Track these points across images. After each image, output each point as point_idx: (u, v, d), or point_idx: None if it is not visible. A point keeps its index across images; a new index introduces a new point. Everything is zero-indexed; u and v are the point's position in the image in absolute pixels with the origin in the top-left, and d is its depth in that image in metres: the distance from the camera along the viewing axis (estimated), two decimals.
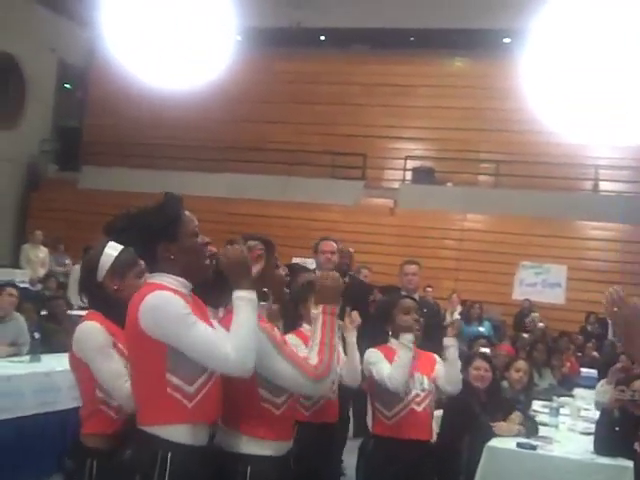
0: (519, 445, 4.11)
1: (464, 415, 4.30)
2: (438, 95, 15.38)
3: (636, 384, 4.32)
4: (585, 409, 5.67)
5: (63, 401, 4.96)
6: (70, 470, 2.55)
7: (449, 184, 14.87)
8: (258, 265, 2.43)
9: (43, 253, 12.07)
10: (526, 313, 11.74)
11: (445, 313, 7.85)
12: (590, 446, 4.16)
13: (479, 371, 4.63)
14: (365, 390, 3.79)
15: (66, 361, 2.68)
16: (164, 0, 9.13)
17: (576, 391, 7.05)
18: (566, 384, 7.31)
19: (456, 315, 10.92)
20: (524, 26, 10.16)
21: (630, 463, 3.88)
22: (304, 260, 9.11)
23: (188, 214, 2.36)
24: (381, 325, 3.83)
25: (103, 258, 2.61)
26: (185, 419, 2.22)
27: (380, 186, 15.36)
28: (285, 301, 3.12)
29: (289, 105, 15.87)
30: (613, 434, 4.05)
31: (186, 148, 15.44)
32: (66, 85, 18.08)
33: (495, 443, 4.16)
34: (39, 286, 10.89)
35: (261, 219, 13.25)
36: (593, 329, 11.16)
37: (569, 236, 13.18)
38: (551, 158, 13.86)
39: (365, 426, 3.90)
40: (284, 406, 2.47)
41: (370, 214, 14.23)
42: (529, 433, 4.38)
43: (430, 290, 10.76)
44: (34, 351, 5.45)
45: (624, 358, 6.00)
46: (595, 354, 9.71)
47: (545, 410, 5.21)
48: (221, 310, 2.51)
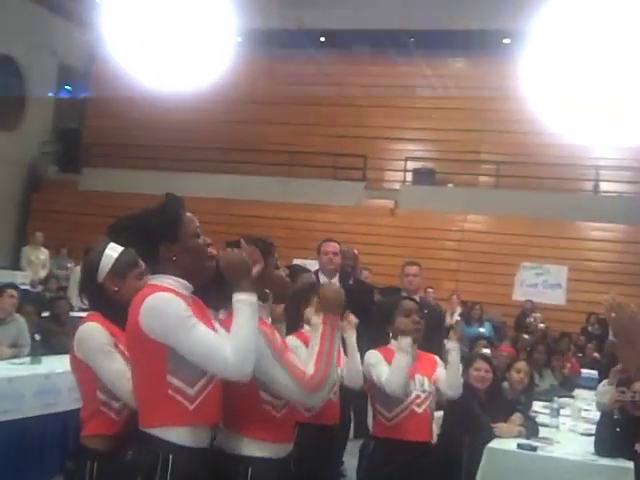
0: (520, 446, 4.11)
1: (465, 416, 4.30)
2: (438, 96, 15.38)
3: (636, 385, 4.31)
4: (586, 410, 5.66)
5: (64, 403, 4.95)
6: (71, 471, 2.54)
7: (450, 185, 14.87)
8: (258, 266, 2.43)
9: (44, 255, 12.06)
10: (527, 314, 11.74)
11: (445, 314, 7.85)
12: (591, 447, 4.16)
13: (479, 372, 4.63)
14: (366, 391, 3.79)
15: (67, 362, 2.67)
16: (164, 2, 9.13)
17: (577, 392, 7.06)
18: (567, 385, 7.31)
19: (456, 316, 10.93)
20: (524, 27, 10.16)
21: (631, 464, 3.88)
22: (305, 261, 9.11)
23: (190, 215, 2.36)
24: (382, 326, 3.83)
25: (103, 259, 2.60)
26: (186, 421, 2.21)
27: (381, 187, 15.36)
28: (287, 302, 3.12)
29: (290, 106, 15.87)
30: (614, 435, 4.05)
31: (187, 149, 15.44)
32: (66, 87, 18.10)
33: (496, 444, 4.16)
34: (40, 288, 10.89)
35: (262, 220, 13.25)
36: (594, 330, 11.15)
37: (570, 237, 13.18)
38: (551, 159, 13.85)
39: (366, 427, 3.90)
40: (285, 408, 2.47)
41: (371, 215, 14.23)
42: (530, 434, 4.38)
43: (431, 291, 10.76)
44: (35, 353, 5.44)
45: None
46: (596, 355, 9.70)
47: (546, 411, 5.21)
48: (222, 312, 2.51)
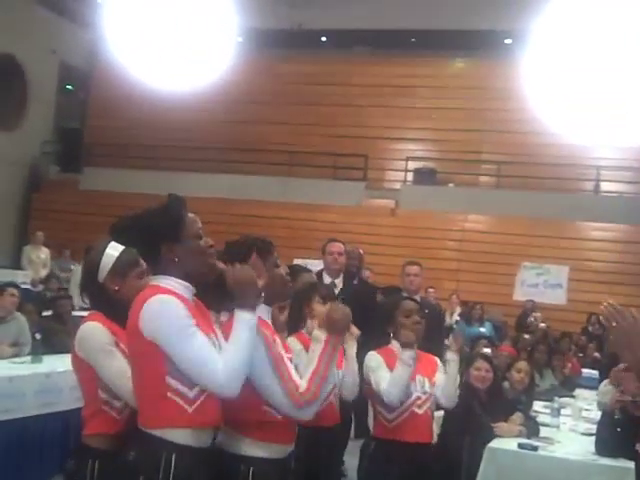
0: (520, 446, 4.10)
1: (465, 416, 4.30)
2: (439, 96, 15.38)
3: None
4: (586, 410, 5.66)
5: (65, 402, 4.95)
6: (72, 470, 2.54)
7: (450, 185, 14.87)
8: (263, 279, 2.43)
9: (44, 254, 12.06)
10: (528, 314, 11.73)
11: (445, 314, 7.85)
12: (591, 447, 4.15)
13: (480, 372, 4.63)
14: (367, 392, 3.79)
15: (68, 362, 2.67)
16: (165, 1, 9.13)
17: (577, 392, 7.05)
18: (567, 385, 7.30)
19: (456, 316, 10.94)
20: (525, 27, 10.15)
21: (631, 464, 3.86)
22: (305, 261, 9.12)
23: (192, 216, 2.36)
24: (383, 326, 3.83)
25: (104, 258, 2.60)
26: (186, 423, 2.21)
27: (381, 187, 15.37)
28: (287, 301, 3.12)
29: (290, 106, 15.87)
30: (614, 435, 4.04)
31: (187, 149, 15.44)
32: (68, 86, 18.10)
33: (496, 444, 4.16)
34: (40, 287, 10.89)
35: (262, 220, 13.25)
36: (594, 330, 11.13)
37: (570, 237, 13.18)
38: (552, 159, 13.85)
39: (367, 427, 3.90)
40: None
41: (371, 215, 14.23)
42: (530, 434, 4.38)
43: (432, 291, 10.76)
44: (35, 352, 5.43)
45: None
46: (596, 355, 9.69)
47: (546, 411, 5.21)
48: (224, 314, 2.50)
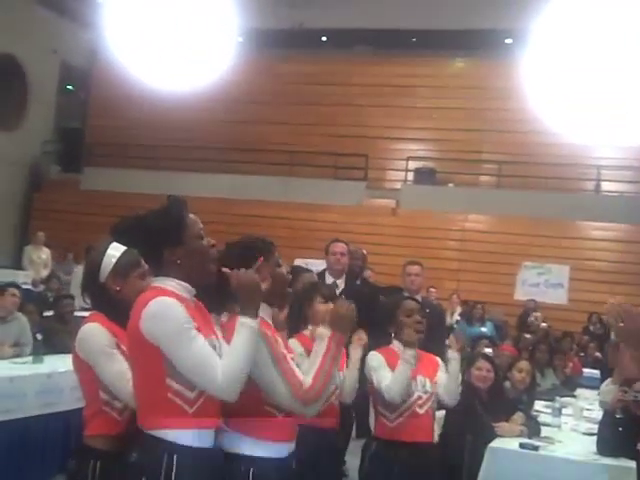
0: (521, 446, 4.10)
1: (466, 416, 4.30)
2: (440, 96, 15.38)
3: (639, 385, 4.31)
4: (588, 409, 5.64)
5: (66, 402, 4.95)
6: (73, 471, 2.54)
7: (451, 185, 14.87)
8: (266, 283, 2.43)
9: (45, 254, 12.06)
10: (530, 313, 11.73)
11: (445, 313, 7.83)
12: (593, 447, 4.15)
13: (481, 371, 4.63)
14: (367, 393, 3.79)
15: (69, 362, 2.67)
16: (166, 1, 9.13)
17: (579, 391, 7.04)
18: (569, 384, 7.30)
19: (456, 316, 10.94)
20: (525, 26, 10.14)
21: (633, 464, 3.86)
22: (306, 261, 9.12)
23: (193, 216, 2.36)
24: (384, 326, 3.83)
25: (106, 259, 2.60)
26: (186, 425, 2.21)
27: (382, 187, 15.37)
28: (288, 302, 3.12)
29: (291, 106, 15.88)
30: (616, 435, 4.04)
31: (188, 149, 15.45)
32: (68, 86, 18.11)
33: (497, 444, 4.16)
34: (41, 287, 10.89)
35: (263, 220, 13.26)
36: (595, 329, 11.14)
37: (571, 236, 13.18)
38: (553, 158, 13.85)
39: (368, 427, 3.90)
40: None
41: (372, 215, 14.23)
42: (531, 434, 4.38)
43: (434, 291, 10.77)
44: (37, 352, 5.44)
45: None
46: (598, 354, 9.69)
47: (548, 410, 5.21)
48: (224, 315, 2.50)
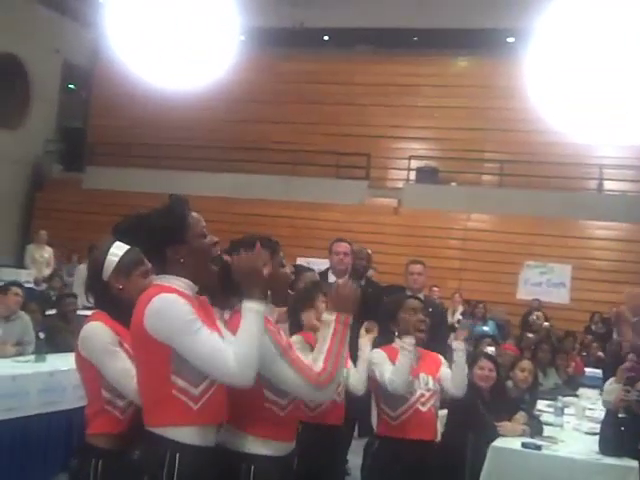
0: (524, 445, 4.10)
1: (469, 415, 4.30)
2: (442, 95, 15.38)
3: None
4: (590, 409, 5.65)
5: (68, 401, 4.96)
6: (75, 469, 2.54)
7: (453, 184, 14.87)
8: (267, 268, 2.42)
9: (48, 253, 12.07)
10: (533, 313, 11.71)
11: (447, 312, 7.84)
12: (595, 446, 4.14)
13: (484, 371, 4.62)
14: (370, 390, 3.79)
15: (71, 360, 2.67)
16: (167, 0, 9.13)
17: (581, 391, 7.05)
18: (571, 384, 7.30)
19: (458, 315, 10.93)
20: (528, 25, 10.12)
21: (635, 463, 3.88)
22: (308, 260, 9.12)
23: (195, 215, 2.36)
24: (386, 325, 3.83)
25: (108, 258, 2.60)
26: (191, 421, 2.21)
27: (384, 186, 15.37)
28: (290, 302, 3.12)
29: (293, 105, 15.88)
30: (618, 434, 4.04)
31: (190, 148, 15.45)
32: (70, 86, 18.12)
33: (500, 443, 4.15)
34: (44, 286, 10.89)
35: (265, 219, 13.26)
36: (598, 329, 11.14)
37: (573, 235, 13.17)
38: (555, 157, 13.84)
39: (370, 426, 3.90)
40: (289, 407, 2.48)
41: (374, 214, 14.23)
42: (534, 433, 4.37)
43: (436, 290, 10.76)
44: (39, 351, 5.45)
45: (632, 357, 5.97)
46: (600, 354, 9.68)
47: (550, 410, 5.20)
48: (227, 312, 2.50)
